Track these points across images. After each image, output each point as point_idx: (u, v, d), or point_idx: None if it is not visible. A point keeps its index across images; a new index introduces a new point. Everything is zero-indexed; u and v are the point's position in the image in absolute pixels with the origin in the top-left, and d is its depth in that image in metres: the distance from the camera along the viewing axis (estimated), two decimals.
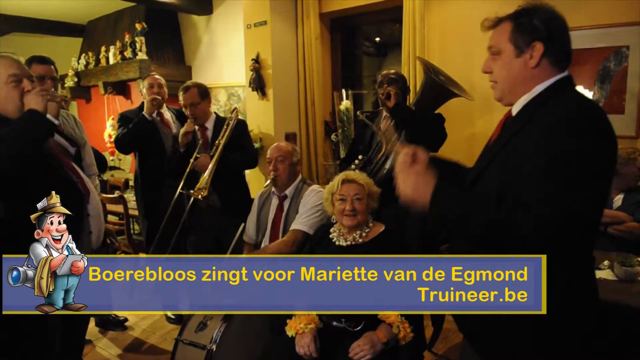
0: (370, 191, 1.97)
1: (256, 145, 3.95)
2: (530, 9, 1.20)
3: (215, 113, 3.11)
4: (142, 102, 3.22)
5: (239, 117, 3.09)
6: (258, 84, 3.98)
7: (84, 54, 5.68)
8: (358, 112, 2.76)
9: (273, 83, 3.98)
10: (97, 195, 1.88)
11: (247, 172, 3.37)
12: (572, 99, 1.14)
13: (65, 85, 5.79)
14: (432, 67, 2.54)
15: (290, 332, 1.84)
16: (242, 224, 2.33)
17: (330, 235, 2.01)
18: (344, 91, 3.89)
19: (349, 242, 1.95)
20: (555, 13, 1.18)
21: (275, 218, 2.47)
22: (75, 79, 5.72)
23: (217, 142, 2.84)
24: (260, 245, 2.50)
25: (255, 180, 4.09)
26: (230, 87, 4.90)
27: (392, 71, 2.71)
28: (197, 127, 2.96)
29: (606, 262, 2.13)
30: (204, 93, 2.98)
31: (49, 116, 1.64)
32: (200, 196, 2.66)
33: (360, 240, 1.95)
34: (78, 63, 5.70)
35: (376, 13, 4.05)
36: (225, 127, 2.88)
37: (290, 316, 1.86)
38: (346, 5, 3.95)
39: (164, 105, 3.33)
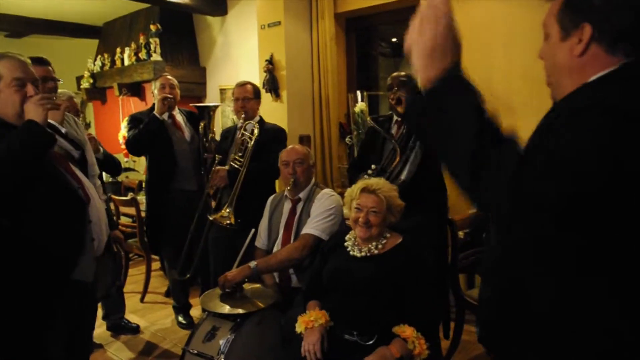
0: (391, 205, 1.87)
1: None
2: None
3: (260, 117, 3.08)
4: (154, 104, 3.18)
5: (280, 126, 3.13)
6: (272, 85, 3.92)
7: (99, 56, 5.70)
8: (368, 118, 2.66)
9: (287, 84, 3.92)
10: (98, 201, 1.82)
11: None
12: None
13: (81, 86, 5.82)
14: None
15: (299, 327, 1.78)
16: (253, 230, 2.26)
17: (346, 244, 1.93)
18: (359, 93, 3.80)
19: (363, 253, 1.86)
20: None
21: (288, 222, 2.40)
22: (91, 81, 5.74)
23: (241, 163, 2.80)
24: (272, 250, 2.43)
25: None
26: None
27: (403, 73, 2.59)
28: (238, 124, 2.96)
29: None
30: (257, 93, 3.07)
31: (53, 122, 1.59)
32: (226, 223, 2.64)
33: (376, 251, 1.86)
34: (94, 64, 5.71)
35: (392, 13, 3.95)
36: (247, 146, 2.83)
37: None
38: (362, 4, 3.87)
39: (176, 107, 3.29)
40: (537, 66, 1.07)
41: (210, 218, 2.71)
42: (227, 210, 2.62)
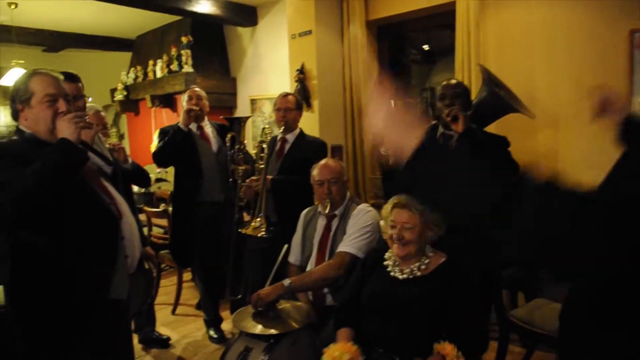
0: (427, 218, 1.75)
1: None
2: None
3: (301, 130, 3.06)
4: None
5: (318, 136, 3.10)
6: (303, 95, 3.86)
7: (132, 68, 5.79)
8: None
9: (318, 94, 3.86)
10: (130, 217, 1.79)
11: None
12: None
13: (115, 98, 5.92)
14: (494, 78, 2.28)
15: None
16: (286, 246, 2.18)
17: (385, 263, 1.82)
18: (392, 102, 3.70)
19: (405, 275, 1.75)
20: None
21: (322, 238, 2.31)
22: (125, 93, 5.84)
23: (258, 166, 2.79)
24: (306, 266, 2.35)
25: None
26: (275, 98, 4.81)
27: (454, 81, 2.40)
28: (270, 134, 2.97)
29: None
30: (299, 104, 3.08)
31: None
32: (259, 234, 2.59)
33: (419, 273, 1.74)
34: (127, 77, 5.81)
35: (425, 19, 3.85)
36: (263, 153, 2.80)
37: None
38: (394, 11, 3.78)
39: (205, 118, 3.27)
40: (585, 71, 1.02)
41: (243, 232, 2.66)
42: (258, 220, 2.56)
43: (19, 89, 1.62)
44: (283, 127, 2.94)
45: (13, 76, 4.89)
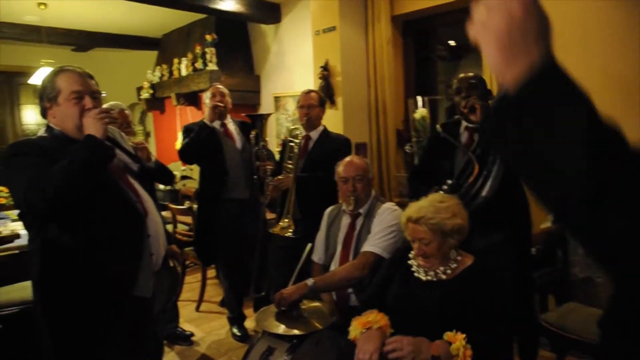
0: (443, 229, 1.64)
1: None
2: None
3: (324, 127, 3.03)
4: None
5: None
6: (327, 92, 3.82)
7: (158, 67, 5.85)
8: (437, 126, 2.44)
9: (342, 91, 3.81)
10: (156, 215, 1.79)
11: None
12: None
13: (141, 97, 5.99)
14: None
15: (354, 331, 1.60)
16: (310, 245, 2.15)
17: (410, 262, 1.77)
18: (419, 98, 3.63)
19: (430, 277, 1.69)
20: None
21: (347, 237, 2.27)
22: (151, 91, 5.90)
23: (286, 165, 2.75)
24: (330, 265, 2.31)
25: None
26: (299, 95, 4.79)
27: (471, 74, 2.36)
28: (300, 133, 2.92)
29: None
30: (322, 101, 3.05)
31: (112, 134, 1.57)
32: (286, 234, 2.58)
33: (444, 276, 1.68)
34: (153, 75, 5.87)
35: (452, 13, 3.76)
36: (292, 152, 2.77)
37: None
38: (420, 6, 3.70)
39: (228, 116, 3.27)
40: (619, 66, 0.84)
41: (271, 231, 2.65)
42: (286, 220, 2.55)
43: (46, 87, 1.64)
44: (304, 124, 2.91)
45: (42, 75, 4.99)
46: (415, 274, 1.72)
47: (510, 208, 2.16)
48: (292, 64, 4.84)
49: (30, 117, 6.53)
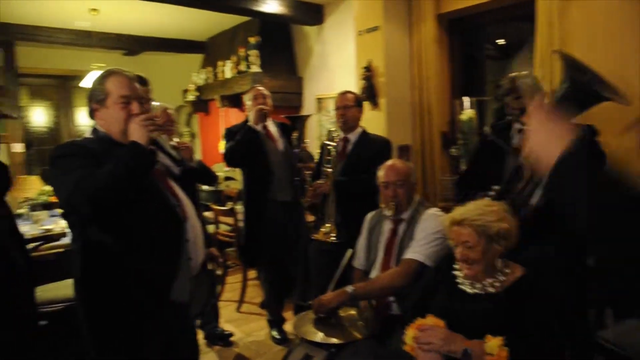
0: (488, 232, 1.54)
1: None
2: None
3: (363, 129, 2.97)
4: (247, 118, 3.18)
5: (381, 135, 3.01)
6: (370, 93, 3.75)
7: (203, 69, 5.96)
8: (486, 128, 2.32)
9: (386, 92, 3.73)
10: (195, 219, 1.78)
11: None
12: None
13: (187, 99, 6.12)
14: (576, 63, 2.01)
15: (409, 338, 1.51)
16: (350, 250, 2.09)
17: (455, 272, 1.68)
18: (466, 99, 3.49)
19: (476, 290, 1.59)
20: None
21: (389, 243, 2.19)
22: (196, 93, 6.01)
23: (326, 171, 2.70)
24: (371, 271, 2.24)
25: None
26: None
27: (523, 73, 2.25)
28: (337, 136, 2.87)
29: None
30: (359, 101, 2.97)
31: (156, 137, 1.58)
32: (329, 240, 2.54)
33: (492, 290, 1.57)
34: (198, 78, 5.98)
35: (501, 11, 3.60)
36: (330, 155, 2.71)
37: None
38: (467, 3, 3.56)
39: (269, 118, 3.26)
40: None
41: (313, 237, 2.62)
42: (328, 225, 2.50)
43: (96, 89, 1.65)
44: (341, 125, 2.85)
45: (92, 79, 5.17)
46: (461, 286, 1.62)
47: (561, 218, 2.01)
48: (335, 65, 4.80)
49: (83, 119, 6.81)
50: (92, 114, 1.69)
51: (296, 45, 5.37)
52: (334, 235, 2.51)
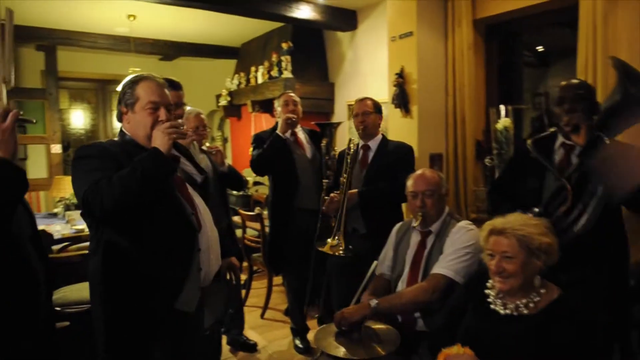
0: (530, 245, 1.45)
1: None
2: None
3: (383, 135, 2.90)
4: (276, 123, 3.15)
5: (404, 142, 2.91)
6: (401, 100, 3.67)
7: (236, 75, 6.00)
8: (528, 142, 2.13)
9: (418, 99, 3.63)
10: (211, 229, 1.73)
11: None
12: None
13: (219, 104, 6.18)
14: (632, 71, 1.85)
15: None
16: (375, 262, 2.01)
17: (487, 291, 1.58)
18: (502, 107, 3.36)
19: (509, 311, 1.49)
20: None
21: (416, 256, 2.11)
22: (228, 98, 6.06)
23: (341, 180, 2.61)
24: (397, 284, 2.15)
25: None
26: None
27: (575, 81, 1.99)
28: (358, 143, 2.81)
29: None
30: (378, 108, 2.91)
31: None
32: (337, 253, 2.45)
33: (526, 311, 1.46)
34: (231, 83, 6.03)
35: (540, 16, 3.46)
36: (347, 162, 2.63)
37: None
38: (505, 8, 3.44)
39: (298, 125, 3.22)
40: None
41: (319, 249, 2.52)
42: (336, 238, 2.42)
43: (126, 92, 1.65)
44: (361, 133, 2.77)
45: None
46: (492, 306, 1.52)
47: (604, 245, 1.86)
48: (367, 71, 4.74)
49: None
50: (119, 117, 1.70)
51: (328, 51, 5.35)
52: (342, 248, 2.42)
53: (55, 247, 3.47)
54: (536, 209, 1.83)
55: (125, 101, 1.64)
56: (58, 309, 1.83)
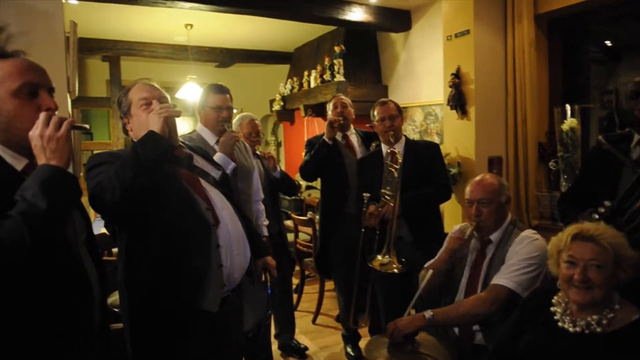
0: (619, 256, 1.33)
1: (453, 170, 3.49)
2: None
3: (406, 137, 2.80)
4: None
5: (432, 140, 2.77)
6: (458, 101, 3.53)
7: (290, 79, 6.05)
8: (600, 137, 1.97)
9: (475, 99, 3.48)
10: (233, 224, 1.67)
11: None
12: None
13: (273, 109, 6.25)
14: None
15: None
16: (431, 271, 1.91)
17: (553, 308, 1.45)
18: (568, 107, 3.15)
19: (579, 328, 1.36)
20: None
21: (475, 265, 1.99)
22: (281, 103, 6.11)
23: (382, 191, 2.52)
24: (455, 296, 2.04)
25: (449, 212, 3.61)
26: (427, 105, 4.55)
27: None
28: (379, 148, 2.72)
29: None
30: (400, 109, 2.80)
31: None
32: (389, 271, 2.35)
33: (599, 329, 1.33)
34: (284, 88, 6.08)
35: (609, 8, 3.23)
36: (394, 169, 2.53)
37: None
38: (569, 1, 3.23)
39: (351, 126, 3.16)
40: None
41: (370, 265, 2.42)
42: (387, 257, 2.32)
43: (121, 102, 1.69)
44: (391, 139, 2.63)
45: (187, 90, 5.46)
46: (560, 324, 1.39)
47: None
48: (421, 72, 4.62)
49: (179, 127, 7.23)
50: (125, 130, 1.72)
51: (381, 53, 5.26)
52: (395, 266, 2.31)
53: (115, 250, 3.61)
54: (607, 202, 1.67)
55: (123, 110, 1.68)
56: (116, 310, 1.85)
